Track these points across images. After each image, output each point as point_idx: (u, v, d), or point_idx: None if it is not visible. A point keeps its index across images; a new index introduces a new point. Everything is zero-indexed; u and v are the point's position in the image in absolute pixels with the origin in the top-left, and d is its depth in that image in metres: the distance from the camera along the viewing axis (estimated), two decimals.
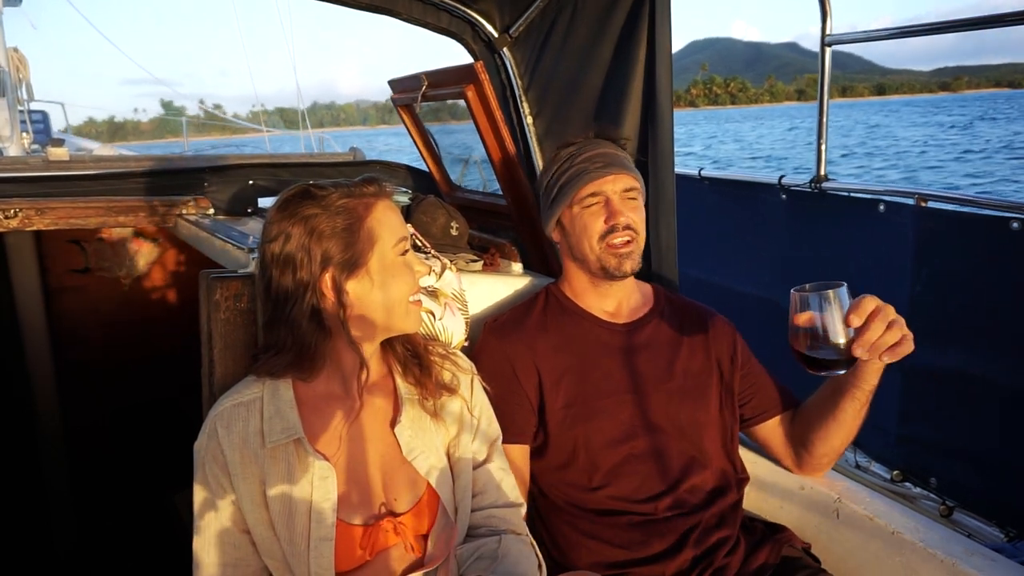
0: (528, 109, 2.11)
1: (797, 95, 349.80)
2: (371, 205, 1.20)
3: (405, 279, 1.22)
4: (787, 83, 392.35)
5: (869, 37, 2.48)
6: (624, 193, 1.55)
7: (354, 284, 1.17)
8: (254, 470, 1.14)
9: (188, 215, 2.38)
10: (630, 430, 1.50)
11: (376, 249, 1.18)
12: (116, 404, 3.06)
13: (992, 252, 2.10)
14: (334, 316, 1.18)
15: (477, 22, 2.11)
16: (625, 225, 1.53)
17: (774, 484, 1.67)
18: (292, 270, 1.16)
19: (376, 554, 1.16)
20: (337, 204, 1.17)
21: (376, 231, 1.19)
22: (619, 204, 1.54)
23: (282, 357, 1.19)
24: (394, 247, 1.21)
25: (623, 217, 1.53)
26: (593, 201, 1.55)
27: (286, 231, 1.16)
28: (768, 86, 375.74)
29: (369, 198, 1.20)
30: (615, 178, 1.55)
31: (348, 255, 1.16)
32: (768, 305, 2.95)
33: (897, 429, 2.42)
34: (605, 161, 1.56)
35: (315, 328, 1.18)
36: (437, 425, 1.28)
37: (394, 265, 1.20)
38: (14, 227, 2.17)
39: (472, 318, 1.69)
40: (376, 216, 1.19)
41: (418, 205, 1.92)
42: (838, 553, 1.54)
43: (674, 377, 1.56)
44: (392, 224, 1.21)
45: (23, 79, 9.62)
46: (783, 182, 2.87)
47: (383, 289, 1.19)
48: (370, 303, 1.19)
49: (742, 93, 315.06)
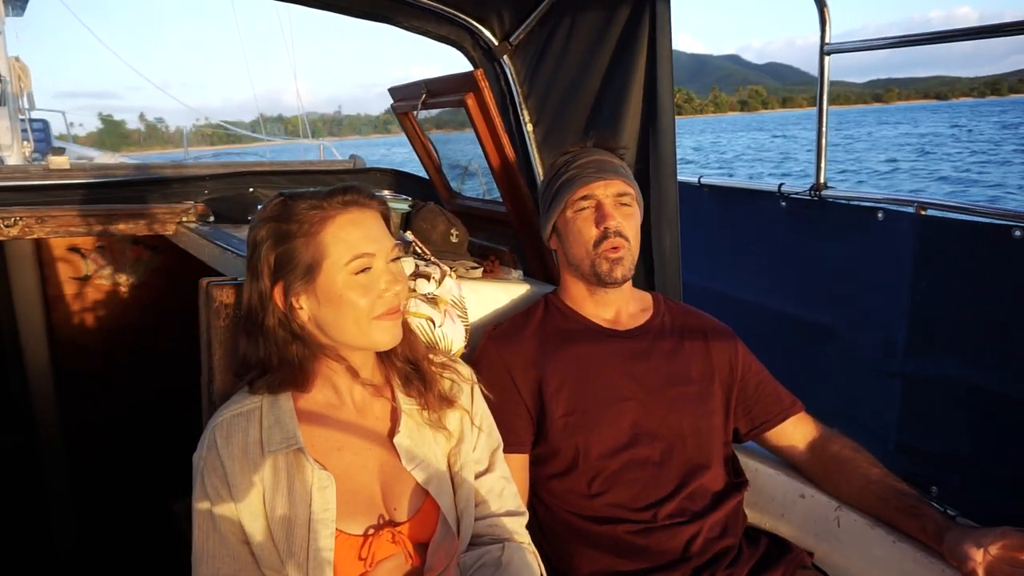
0: (528, 117, 2.11)
1: (740, 106, 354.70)
2: (328, 218, 1.14)
3: (358, 298, 1.13)
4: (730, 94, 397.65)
5: (867, 46, 2.48)
6: (617, 198, 1.56)
7: (306, 300, 1.16)
8: (253, 480, 1.14)
9: (188, 222, 2.38)
10: (630, 438, 1.50)
11: (325, 265, 1.13)
12: (115, 411, 3.05)
13: (994, 260, 2.10)
14: (302, 329, 1.17)
15: (477, 30, 2.11)
16: (616, 231, 1.53)
17: (775, 492, 1.67)
18: (255, 279, 1.16)
19: (375, 564, 1.15)
20: (297, 214, 1.14)
21: (327, 246, 1.13)
22: (611, 208, 1.54)
23: (274, 376, 1.18)
24: (347, 264, 1.13)
25: (614, 222, 1.53)
26: (585, 205, 1.56)
27: (253, 239, 1.16)
28: (712, 97, 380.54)
29: (333, 209, 1.14)
30: (607, 183, 1.55)
31: (294, 268, 1.14)
32: (767, 312, 2.95)
33: (898, 438, 2.42)
34: (598, 167, 1.57)
35: (290, 339, 1.17)
36: (437, 434, 1.27)
37: (345, 284, 1.13)
38: (14, 235, 2.18)
39: (472, 325, 1.69)
40: (331, 230, 1.14)
41: (418, 212, 1.92)
42: (839, 561, 1.53)
43: (675, 384, 1.56)
44: (351, 239, 1.14)
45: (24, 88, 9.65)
46: (783, 190, 2.87)
47: (331, 307, 1.14)
48: (323, 320, 1.16)
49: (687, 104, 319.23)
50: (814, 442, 1.62)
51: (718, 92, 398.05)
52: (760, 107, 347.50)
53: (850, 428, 1.72)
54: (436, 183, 2.47)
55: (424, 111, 2.14)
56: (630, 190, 1.58)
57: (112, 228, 2.31)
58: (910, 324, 2.36)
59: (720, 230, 3.32)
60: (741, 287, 3.14)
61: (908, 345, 2.37)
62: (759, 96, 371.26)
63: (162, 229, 2.39)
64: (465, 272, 1.83)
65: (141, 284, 3.11)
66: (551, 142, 2.07)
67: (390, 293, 1.16)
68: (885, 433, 2.44)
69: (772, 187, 2.93)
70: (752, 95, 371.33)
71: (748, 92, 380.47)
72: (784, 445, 1.64)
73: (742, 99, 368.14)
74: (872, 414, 2.51)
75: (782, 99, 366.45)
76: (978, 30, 2.10)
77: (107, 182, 2.53)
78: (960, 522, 1.35)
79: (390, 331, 1.18)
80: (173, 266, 3.11)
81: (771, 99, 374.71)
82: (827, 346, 2.69)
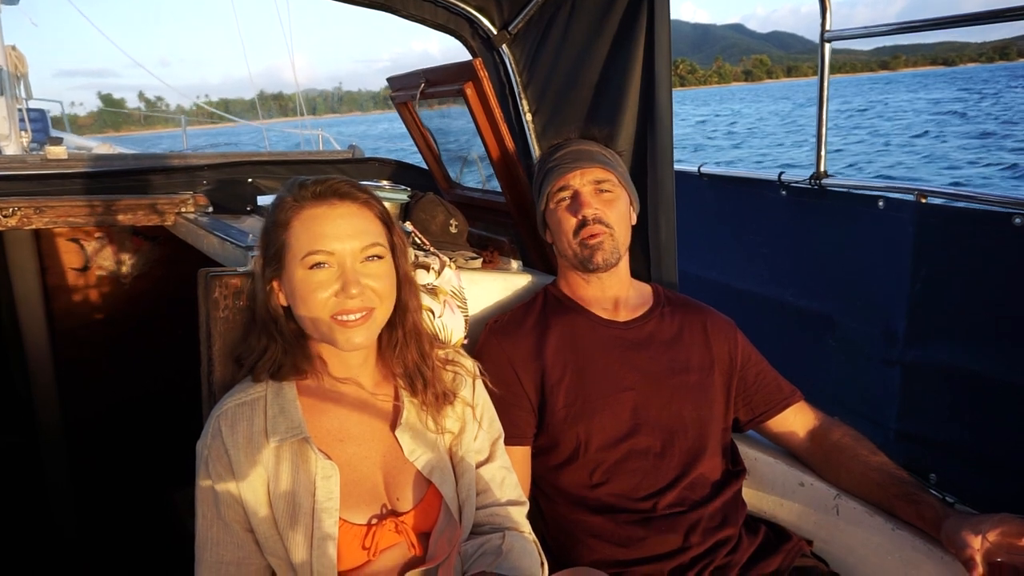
0: (527, 106, 2.10)
1: (744, 76, 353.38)
2: (295, 208, 1.15)
3: (309, 293, 1.13)
4: (734, 64, 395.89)
5: (868, 33, 2.47)
6: (596, 185, 1.56)
7: (279, 287, 1.19)
8: (258, 469, 1.14)
9: (187, 213, 2.38)
10: (631, 428, 1.50)
11: (287, 257, 1.15)
12: (115, 403, 3.06)
13: (995, 247, 2.09)
14: None
15: (476, 19, 2.10)
16: (594, 218, 1.53)
17: (773, 481, 1.68)
18: (259, 260, 1.20)
19: (378, 553, 1.16)
20: (281, 201, 1.18)
21: (291, 237, 1.14)
22: (588, 197, 1.55)
23: (276, 359, 1.20)
24: (303, 259, 1.13)
25: (590, 210, 1.54)
26: (563, 195, 1.57)
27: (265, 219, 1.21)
28: (716, 67, 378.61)
29: (304, 201, 1.15)
30: (583, 172, 1.55)
31: (271, 254, 1.17)
32: (768, 301, 2.94)
33: (897, 425, 2.42)
34: (575, 156, 1.57)
35: (285, 319, 1.20)
36: (439, 424, 1.28)
37: (301, 280, 1.13)
38: (13, 225, 2.17)
39: (472, 316, 1.69)
40: (297, 222, 1.14)
41: (417, 202, 1.91)
42: (838, 549, 1.54)
43: (675, 374, 1.56)
44: (311, 234, 1.13)
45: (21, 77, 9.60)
46: (783, 179, 2.86)
47: (293, 300, 1.16)
48: (293, 311, 1.19)
49: (691, 75, 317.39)
50: (813, 431, 1.62)
51: (722, 62, 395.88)
52: (765, 77, 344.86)
53: (850, 416, 1.72)
54: (435, 173, 2.46)
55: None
56: (609, 176, 1.57)
57: (111, 218, 2.31)
58: (910, 312, 2.35)
59: (720, 219, 3.31)
60: (741, 276, 3.14)
61: (908, 333, 2.37)
62: (764, 66, 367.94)
63: (161, 220, 2.38)
64: (464, 262, 1.83)
65: (140, 274, 3.10)
66: (550, 131, 2.07)
67: (346, 295, 1.12)
68: (884, 421, 2.44)
69: (772, 176, 2.92)
70: (756, 65, 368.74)
71: (752, 62, 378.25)
72: (784, 434, 1.65)
73: (746, 69, 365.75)
74: (872, 402, 2.51)
75: (787, 68, 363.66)
76: (982, 15, 2.09)
77: (105, 172, 2.52)
78: (958, 509, 1.35)
79: (350, 338, 1.14)
80: (172, 256, 3.11)
81: (776, 68, 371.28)
82: (827, 335, 2.69)
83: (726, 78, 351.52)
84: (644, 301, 1.66)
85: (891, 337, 2.43)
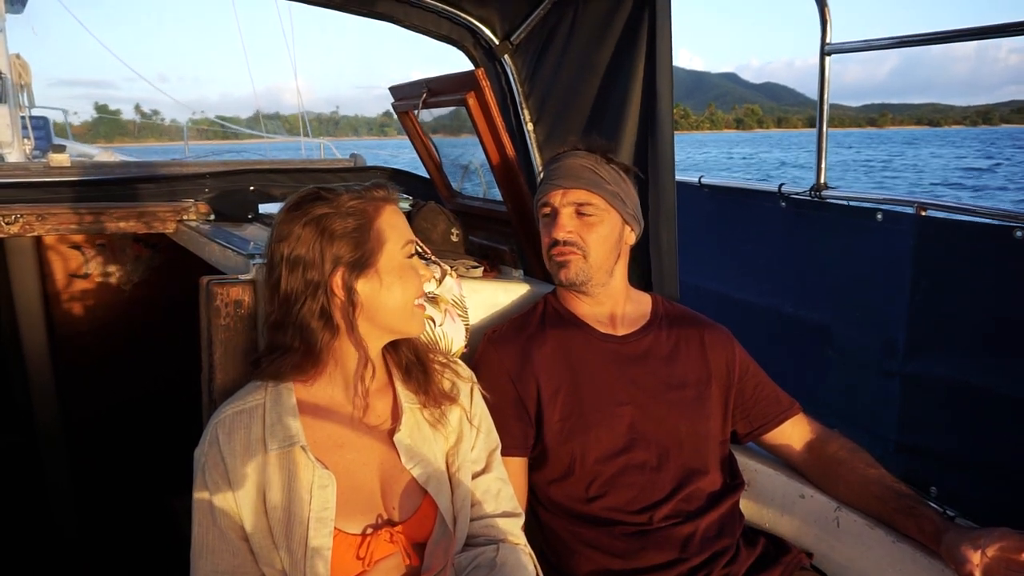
0: (529, 116, 2.11)
1: (736, 124, 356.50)
2: (380, 208, 1.23)
3: (411, 281, 1.25)
4: (726, 112, 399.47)
5: (868, 47, 2.48)
6: (576, 207, 1.55)
7: (363, 284, 1.20)
8: (255, 477, 1.14)
9: (188, 221, 2.38)
10: (628, 441, 1.50)
11: (385, 250, 1.21)
12: (115, 408, 3.06)
13: (995, 260, 2.10)
14: (342, 315, 1.20)
15: (478, 29, 2.11)
16: (564, 240, 1.54)
17: (774, 493, 1.67)
18: (302, 270, 1.17)
19: (373, 563, 1.16)
20: (347, 206, 1.20)
21: (385, 233, 1.22)
22: (564, 219, 1.55)
23: (288, 358, 1.19)
24: (402, 249, 1.24)
25: (562, 232, 1.54)
26: (545, 211, 1.59)
27: (297, 232, 1.18)
28: (708, 114, 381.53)
29: (378, 202, 1.24)
30: (564, 192, 1.55)
31: (358, 255, 1.19)
32: (767, 313, 2.94)
33: (897, 438, 2.42)
34: (564, 174, 1.56)
35: (322, 327, 1.19)
36: (436, 434, 1.28)
37: (401, 267, 1.23)
38: (15, 233, 2.18)
39: (472, 325, 1.69)
40: (385, 218, 1.23)
41: (419, 211, 1.92)
42: (838, 562, 1.53)
43: (672, 388, 1.56)
44: (399, 227, 1.25)
45: (25, 85, 9.65)
46: (783, 190, 2.87)
47: (390, 290, 1.22)
48: (379, 303, 1.21)
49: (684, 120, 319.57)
50: (812, 443, 1.62)
51: (714, 109, 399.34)
52: (756, 126, 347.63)
53: (849, 428, 1.72)
54: (436, 182, 2.47)
55: None
56: (593, 199, 1.54)
57: (113, 226, 2.31)
58: (910, 324, 2.35)
59: (720, 230, 3.32)
60: (741, 287, 3.14)
61: (908, 345, 2.37)
62: (755, 115, 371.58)
63: (163, 227, 2.39)
64: (465, 271, 1.83)
65: (141, 282, 3.10)
66: (552, 141, 2.07)
67: (425, 278, 1.30)
68: (884, 433, 2.44)
69: (772, 187, 2.93)
70: (748, 113, 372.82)
71: (744, 111, 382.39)
72: (782, 446, 1.64)
73: (738, 117, 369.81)
74: (871, 415, 2.51)
75: (777, 119, 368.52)
76: (980, 30, 2.10)
77: (108, 180, 2.53)
78: (959, 523, 1.35)
79: (422, 319, 1.31)
80: (173, 264, 3.11)
81: (767, 118, 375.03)
82: (826, 346, 2.69)
83: (718, 124, 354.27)
84: (642, 314, 1.66)
85: (890, 349, 2.43)
